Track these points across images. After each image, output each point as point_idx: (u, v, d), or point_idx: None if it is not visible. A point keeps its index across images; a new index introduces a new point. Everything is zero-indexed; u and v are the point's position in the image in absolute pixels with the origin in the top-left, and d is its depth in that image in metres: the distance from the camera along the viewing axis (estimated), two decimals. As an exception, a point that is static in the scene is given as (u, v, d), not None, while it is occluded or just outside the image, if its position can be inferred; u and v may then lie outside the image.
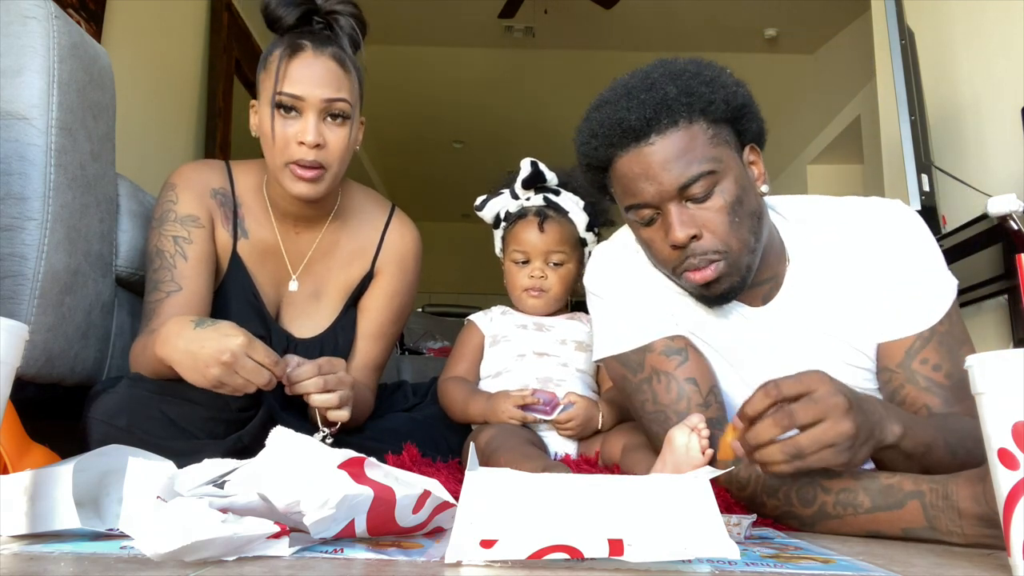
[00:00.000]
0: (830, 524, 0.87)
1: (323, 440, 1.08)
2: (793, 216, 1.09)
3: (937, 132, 2.59)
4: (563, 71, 5.44)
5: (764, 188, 1.03)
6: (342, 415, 1.10)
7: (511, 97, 5.83)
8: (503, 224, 1.44)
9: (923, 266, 1.02)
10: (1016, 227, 1.95)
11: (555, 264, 1.38)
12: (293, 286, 1.35)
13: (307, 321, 1.36)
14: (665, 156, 0.95)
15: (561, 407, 1.22)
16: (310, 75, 1.19)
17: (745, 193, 0.98)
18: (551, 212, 1.39)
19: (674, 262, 0.99)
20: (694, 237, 0.96)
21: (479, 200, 1.45)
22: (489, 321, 1.42)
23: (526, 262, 1.38)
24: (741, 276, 0.99)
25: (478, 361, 1.40)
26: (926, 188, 2.26)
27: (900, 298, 1.02)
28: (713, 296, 1.01)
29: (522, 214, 1.40)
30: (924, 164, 2.29)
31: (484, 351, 1.40)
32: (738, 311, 1.08)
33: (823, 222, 1.07)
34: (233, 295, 1.30)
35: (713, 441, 0.90)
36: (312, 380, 1.06)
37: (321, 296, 1.37)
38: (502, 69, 5.45)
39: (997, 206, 1.94)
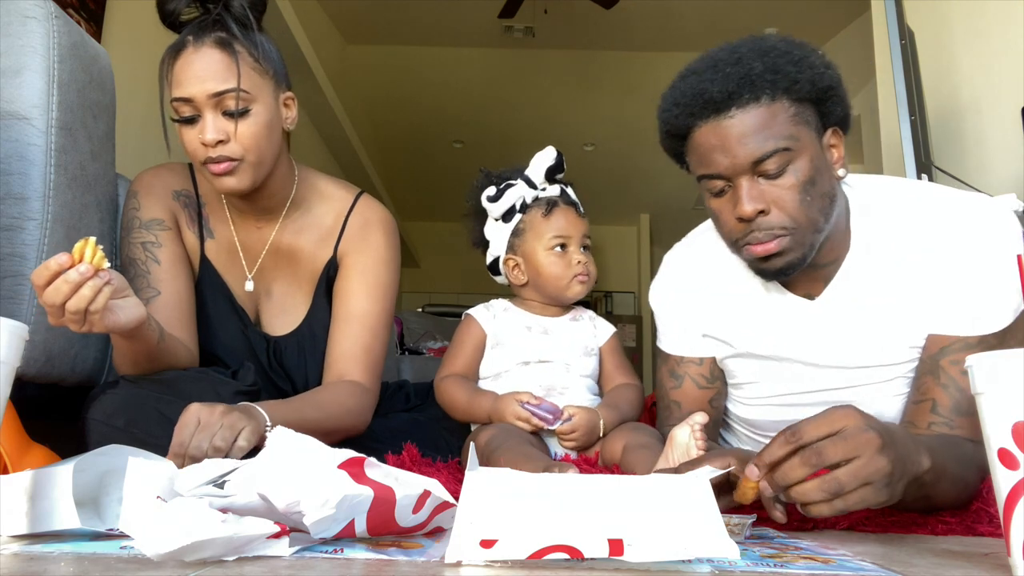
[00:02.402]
0: None
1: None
2: (869, 199, 1.07)
3: (937, 132, 2.59)
4: (563, 71, 5.44)
5: (841, 172, 1.03)
6: (241, 447, 0.94)
7: (511, 97, 5.83)
8: (517, 216, 1.35)
9: (994, 274, 0.98)
10: (1016, 227, 1.94)
11: (585, 248, 1.34)
12: (249, 286, 1.31)
13: (285, 318, 1.34)
14: (743, 130, 0.95)
15: (561, 421, 1.20)
16: (193, 72, 1.13)
17: (819, 174, 0.98)
18: (570, 199, 1.36)
19: (738, 235, 1.00)
20: (761, 212, 0.97)
21: (493, 190, 1.34)
22: (492, 318, 1.35)
23: (564, 247, 1.32)
24: (803, 254, 0.99)
25: (478, 359, 1.35)
26: (926, 188, 2.26)
27: (960, 297, 0.99)
28: (771, 271, 1.02)
29: (553, 202, 1.33)
30: (924, 164, 2.29)
31: (484, 351, 1.35)
32: (791, 304, 1.09)
33: (902, 209, 1.05)
34: (209, 298, 1.29)
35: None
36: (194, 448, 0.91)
37: (291, 291, 1.34)
38: (502, 69, 5.45)
39: (997, 206, 1.94)
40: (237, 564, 0.56)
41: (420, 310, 5.72)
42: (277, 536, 0.59)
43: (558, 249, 1.32)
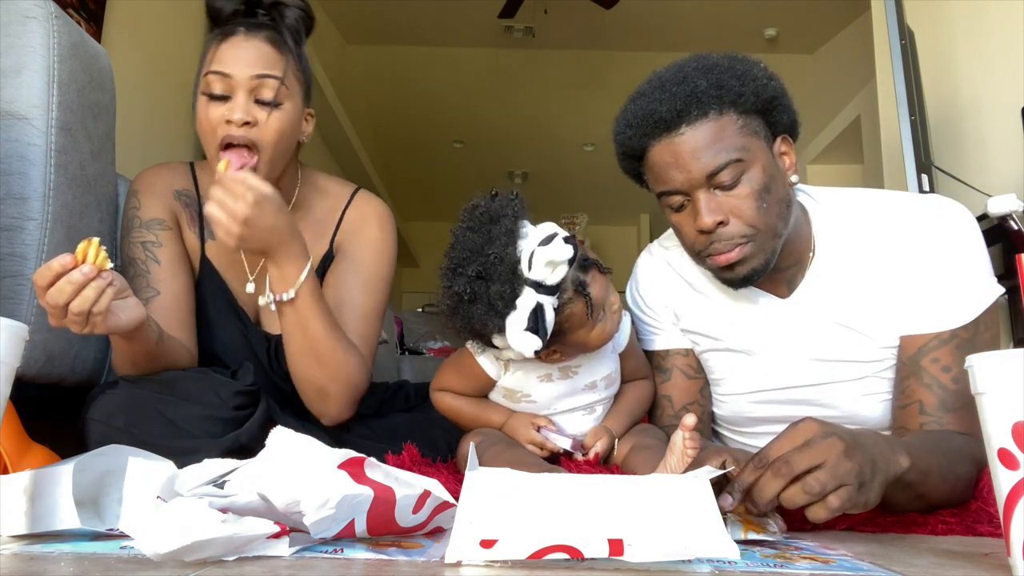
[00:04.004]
0: None
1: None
2: (828, 205, 1.11)
3: (937, 132, 2.59)
4: (563, 71, 5.44)
5: (794, 178, 1.07)
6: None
7: (511, 97, 5.83)
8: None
9: (958, 268, 1.02)
10: (1016, 227, 1.95)
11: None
12: (250, 288, 1.30)
13: None
14: (695, 145, 0.99)
15: (580, 452, 1.14)
16: (238, 54, 1.15)
17: (773, 181, 1.02)
18: (589, 261, 1.04)
19: (701, 246, 1.04)
20: (721, 223, 1.00)
21: (535, 341, 0.95)
22: (500, 369, 1.14)
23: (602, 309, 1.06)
24: (765, 260, 1.03)
25: (483, 394, 1.20)
26: (926, 188, 2.26)
27: (926, 295, 1.02)
28: (736, 279, 1.04)
29: (587, 294, 1.01)
30: (924, 164, 2.29)
31: (493, 393, 1.18)
32: (763, 302, 1.13)
33: (861, 213, 1.09)
34: (209, 299, 1.28)
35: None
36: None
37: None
38: (502, 69, 5.45)
39: (997, 206, 1.94)
40: (237, 564, 0.56)
41: (420, 310, 5.72)
42: (277, 536, 0.59)
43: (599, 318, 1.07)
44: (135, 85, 2.42)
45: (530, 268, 0.94)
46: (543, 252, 0.94)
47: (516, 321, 0.94)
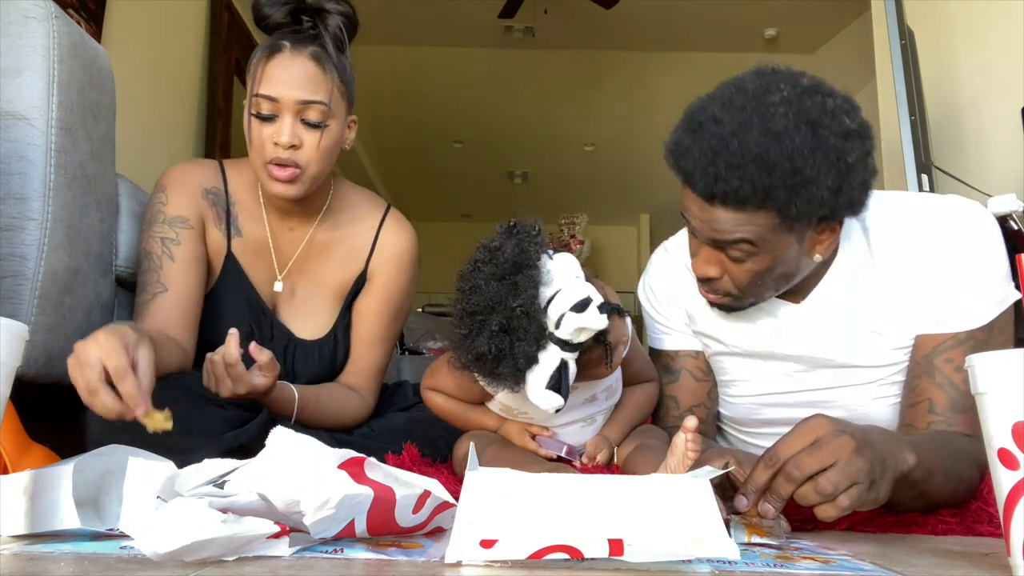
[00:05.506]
0: None
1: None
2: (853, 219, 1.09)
3: (937, 132, 2.59)
4: (563, 71, 5.44)
5: (817, 257, 1.00)
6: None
7: (511, 97, 5.83)
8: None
9: (976, 270, 1.01)
10: (1016, 227, 1.95)
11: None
12: (278, 287, 1.34)
13: (305, 321, 1.35)
14: (719, 220, 0.94)
15: (577, 458, 1.13)
16: (286, 76, 1.20)
17: (780, 264, 0.98)
18: (610, 308, 0.96)
19: (696, 275, 1.07)
20: (713, 277, 1.02)
21: (557, 400, 0.90)
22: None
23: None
24: (752, 302, 1.06)
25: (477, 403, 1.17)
26: (926, 188, 2.26)
27: (944, 296, 1.02)
28: (724, 309, 1.09)
29: (605, 341, 0.95)
30: (924, 164, 2.29)
31: (490, 404, 1.16)
32: (777, 307, 1.11)
33: (879, 216, 1.07)
34: (229, 295, 1.30)
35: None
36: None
37: (315, 296, 1.36)
38: (502, 69, 5.45)
39: (997, 206, 1.94)
40: (237, 564, 0.56)
41: (420, 310, 5.70)
42: (277, 536, 0.59)
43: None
44: (135, 85, 2.42)
45: (558, 327, 0.88)
46: (575, 319, 0.87)
47: (538, 379, 0.89)
